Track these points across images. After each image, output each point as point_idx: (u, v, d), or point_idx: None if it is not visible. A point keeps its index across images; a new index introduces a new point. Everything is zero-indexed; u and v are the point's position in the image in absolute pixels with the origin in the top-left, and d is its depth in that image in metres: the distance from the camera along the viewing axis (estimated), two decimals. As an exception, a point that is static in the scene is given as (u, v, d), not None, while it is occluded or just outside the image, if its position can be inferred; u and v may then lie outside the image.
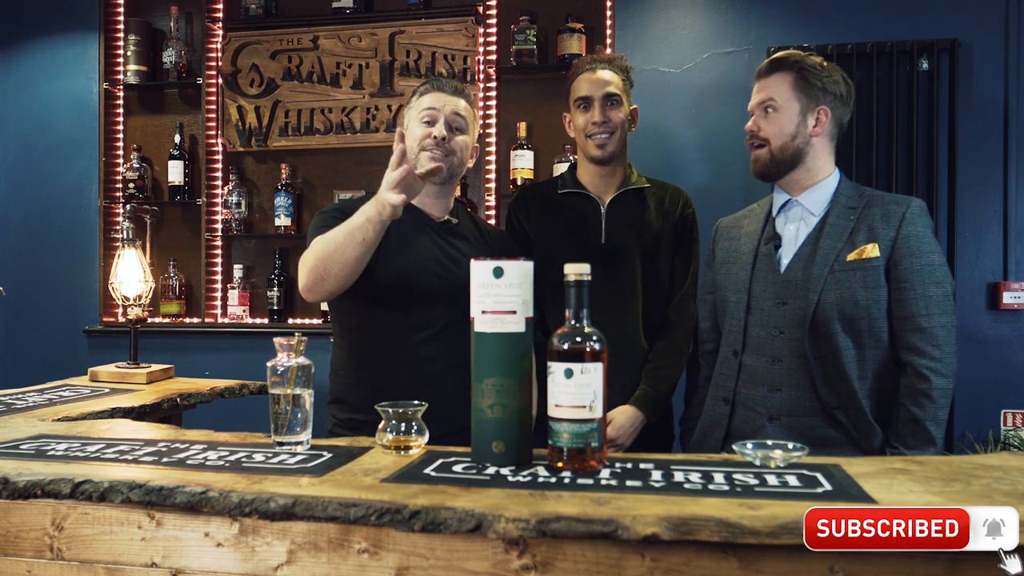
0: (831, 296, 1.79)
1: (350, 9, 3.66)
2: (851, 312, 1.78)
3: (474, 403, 1.33)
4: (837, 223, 1.85)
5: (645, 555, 1.08)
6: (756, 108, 1.93)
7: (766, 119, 1.90)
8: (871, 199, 1.87)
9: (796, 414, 1.82)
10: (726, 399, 1.93)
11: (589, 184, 2.22)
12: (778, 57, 1.92)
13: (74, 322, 3.87)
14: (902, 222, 1.80)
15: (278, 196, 3.67)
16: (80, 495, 1.23)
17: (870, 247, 1.79)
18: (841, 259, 1.81)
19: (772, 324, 1.86)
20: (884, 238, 1.80)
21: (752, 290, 1.91)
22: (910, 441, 1.74)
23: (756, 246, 1.95)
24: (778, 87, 1.89)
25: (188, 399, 2.24)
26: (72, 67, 3.90)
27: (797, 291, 1.84)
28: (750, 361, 1.89)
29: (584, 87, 2.16)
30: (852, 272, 1.79)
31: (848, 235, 1.83)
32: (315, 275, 1.76)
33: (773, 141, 1.89)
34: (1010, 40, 3.11)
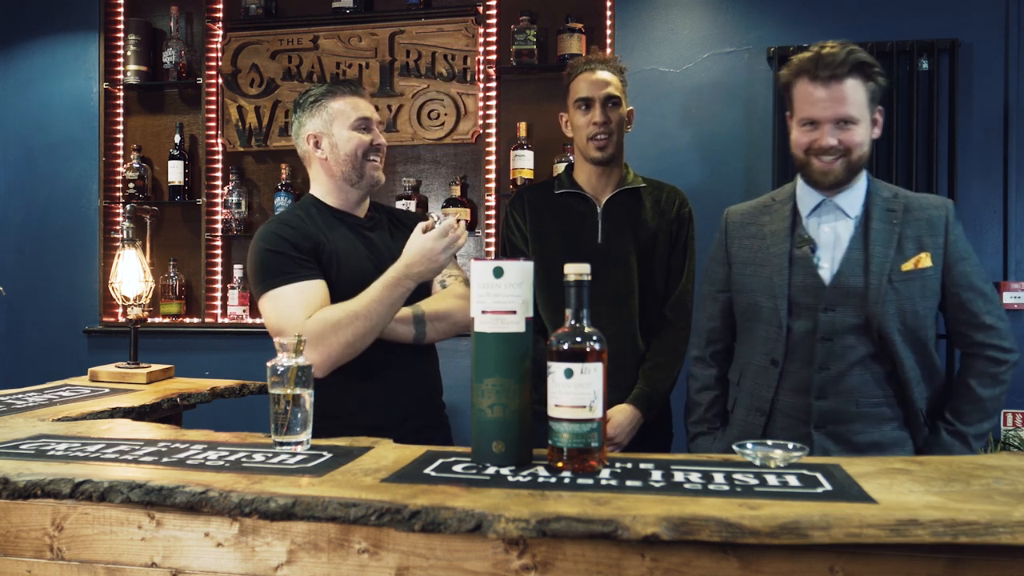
0: (892, 307, 1.75)
1: (350, 9, 3.66)
2: (912, 322, 1.77)
3: (474, 403, 1.33)
4: (882, 228, 1.78)
5: (645, 555, 1.08)
6: (830, 121, 1.73)
7: (845, 132, 1.73)
8: (907, 202, 1.82)
9: (844, 420, 1.78)
10: (761, 409, 1.84)
11: (586, 184, 2.22)
12: (855, 60, 1.72)
13: (74, 322, 3.87)
14: (947, 227, 1.79)
15: (278, 196, 3.67)
16: (80, 495, 1.23)
17: (924, 257, 1.77)
18: (896, 269, 1.76)
19: (819, 331, 1.78)
20: (935, 247, 1.78)
21: (792, 297, 1.81)
22: (968, 418, 1.78)
23: (788, 249, 1.83)
24: (857, 98, 1.73)
25: (188, 399, 2.23)
26: (72, 67, 3.90)
27: (850, 299, 1.77)
28: (794, 369, 1.81)
29: (584, 88, 2.16)
30: (911, 283, 1.76)
31: (896, 242, 1.77)
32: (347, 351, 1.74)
33: (853, 152, 1.75)
34: (1010, 40, 3.11)
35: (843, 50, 1.72)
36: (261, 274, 1.83)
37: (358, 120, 1.93)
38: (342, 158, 1.92)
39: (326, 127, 1.93)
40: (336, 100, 1.94)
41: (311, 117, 1.95)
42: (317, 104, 1.94)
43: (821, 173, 1.77)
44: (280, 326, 1.77)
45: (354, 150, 1.92)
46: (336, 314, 1.74)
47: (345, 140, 1.92)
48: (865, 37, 3.17)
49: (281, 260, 1.82)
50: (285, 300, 1.78)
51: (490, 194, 3.56)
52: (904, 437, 1.80)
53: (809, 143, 1.76)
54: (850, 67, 1.71)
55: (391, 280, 1.76)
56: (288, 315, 1.76)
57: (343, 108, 1.93)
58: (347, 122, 1.92)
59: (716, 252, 1.99)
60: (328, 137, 1.93)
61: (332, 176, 1.95)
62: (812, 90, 1.73)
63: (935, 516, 1.01)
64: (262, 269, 1.83)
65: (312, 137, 1.94)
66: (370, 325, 1.75)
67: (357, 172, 1.93)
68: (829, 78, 1.71)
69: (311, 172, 2.01)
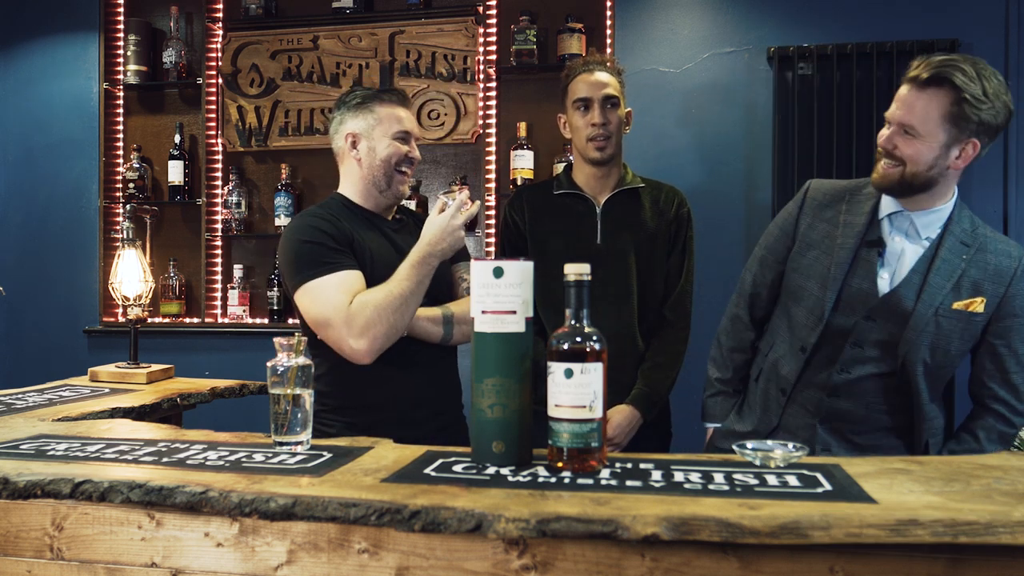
0: (928, 338, 1.73)
1: (350, 9, 3.66)
2: (940, 359, 1.75)
3: (474, 403, 1.33)
4: (949, 259, 1.74)
5: (645, 555, 1.08)
6: (896, 123, 1.70)
7: (904, 140, 1.68)
8: (984, 242, 1.76)
9: (851, 421, 1.81)
10: (784, 390, 1.86)
11: (585, 185, 2.22)
12: (939, 74, 1.63)
13: (74, 322, 3.87)
14: (1012, 280, 1.74)
15: (278, 196, 3.67)
16: (80, 495, 1.23)
17: (978, 302, 1.73)
18: (947, 304, 1.73)
19: (851, 335, 1.78)
20: (992, 294, 1.74)
21: (843, 294, 1.79)
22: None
23: (856, 245, 1.79)
24: (927, 112, 1.64)
25: (188, 399, 2.24)
26: (72, 67, 3.90)
27: (892, 317, 1.75)
28: (817, 363, 1.82)
29: (583, 89, 2.16)
30: (955, 321, 1.73)
31: (957, 278, 1.73)
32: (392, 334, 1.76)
33: (908, 166, 1.69)
34: (1010, 40, 3.11)
35: (943, 60, 1.65)
36: (298, 265, 1.82)
37: (400, 131, 1.94)
38: (376, 163, 1.93)
39: (367, 130, 1.94)
40: (383, 106, 1.95)
41: (354, 117, 1.96)
42: (363, 106, 1.95)
43: (878, 174, 1.74)
44: (324, 316, 1.76)
45: (389, 157, 1.93)
46: (378, 296, 1.75)
47: (384, 147, 1.93)
48: (865, 37, 3.17)
49: (319, 250, 1.82)
50: (326, 290, 1.77)
51: (490, 194, 3.56)
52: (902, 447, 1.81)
53: (880, 139, 1.74)
54: (934, 76, 1.63)
55: (418, 259, 1.79)
56: (331, 304, 1.74)
57: (388, 115, 1.94)
58: (389, 130, 1.94)
59: (785, 223, 1.93)
60: (367, 140, 1.94)
61: (363, 178, 1.96)
62: (901, 91, 1.70)
63: (935, 516, 1.01)
64: (299, 260, 1.82)
65: (351, 136, 1.95)
66: (408, 305, 1.77)
67: (386, 180, 1.95)
68: (911, 81, 1.67)
69: (342, 169, 2.02)
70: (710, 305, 2.68)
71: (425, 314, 1.86)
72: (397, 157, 1.94)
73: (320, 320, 1.77)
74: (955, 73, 1.62)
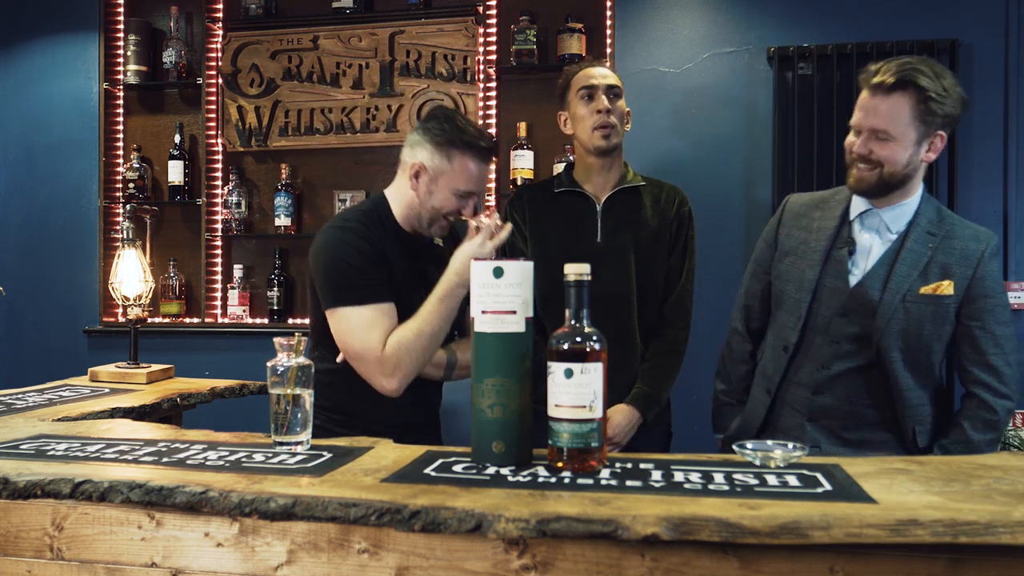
0: (898, 325, 1.78)
1: (350, 9, 3.66)
2: (915, 344, 1.79)
3: (474, 403, 1.33)
4: (914, 249, 1.80)
5: (645, 555, 1.08)
6: (865, 130, 1.76)
7: (879, 144, 1.74)
8: (951, 229, 1.82)
9: (836, 417, 1.85)
10: (769, 391, 1.93)
11: (586, 182, 2.22)
12: (903, 78, 1.70)
13: (74, 322, 3.87)
14: (980, 261, 1.79)
15: (278, 196, 3.67)
16: (80, 495, 1.23)
17: (945, 284, 1.78)
18: (914, 290, 1.78)
19: (829, 332, 1.85)
20: (960, 277, 1.78)
21: (817, 293, 1.86)
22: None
23: (828, 247, 1.87)
24: (896, 114, 1.72)
25: (188, 399, 2.24)
26: (72, 67, 3.90)
27: (862, 309, 1.81)
28: (800, 362, 1.89)
29: (586, 79, 2.17)
30: (923, 305, 1.78)
31: (924, 265, 1.79)
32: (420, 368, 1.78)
33: (886, 167, 1.75)
34: (1010, 40, 3.11)
35: (904, 64, 1.71)
36: (334, 286, 1.81)
37: (464, 191, 1.86)
38: (427, 206, 1.88)
39: (435, 171, 1.85)
40: (462, 157, 1.84)
41: (431, 152, 1.85)
42: (444, 148, 1.84)
43: (854, 179, 1.80)
44: (356, 351, 1.78)
45: (441, 208, 1.87)
46: (409, 337, 1.76)
47: (441, 198, 1.86)
48: (865, 37, 3.17)
49: (356, 276, 1.80)
50: (362, 325, 1.77)
51: (490, 194, 3.56)
52: (892, 441, 1.84)
53: (849, 146, 1.80)
54: (897, 82, 1.70)
55: (445, 292, 1.77)
56: (366, 343, 1.76)
57: (461, 170, 1.85)
58: (454, 185, 1.85)
59: (767, 234, 2.04)
60: (430, 180, 1.86)
61: (410, 205, 1.90)
62: (863, 97, 1.76)
63: (935, 516, 1.01)
64: (336, 281, 1.81)
65: (417, 167, 1.87)
66: (436, 341, 1.79)
67: (428, 223, 1.90)
68: (875, 88, 1.73)
69: (398, 180, 1.94)
70: (710, 305, 2.68)
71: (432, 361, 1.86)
72: (448, 211, 1.88)
73: (353, 354, 1.80)
74: (918, 75, 1.69)
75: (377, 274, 1.82)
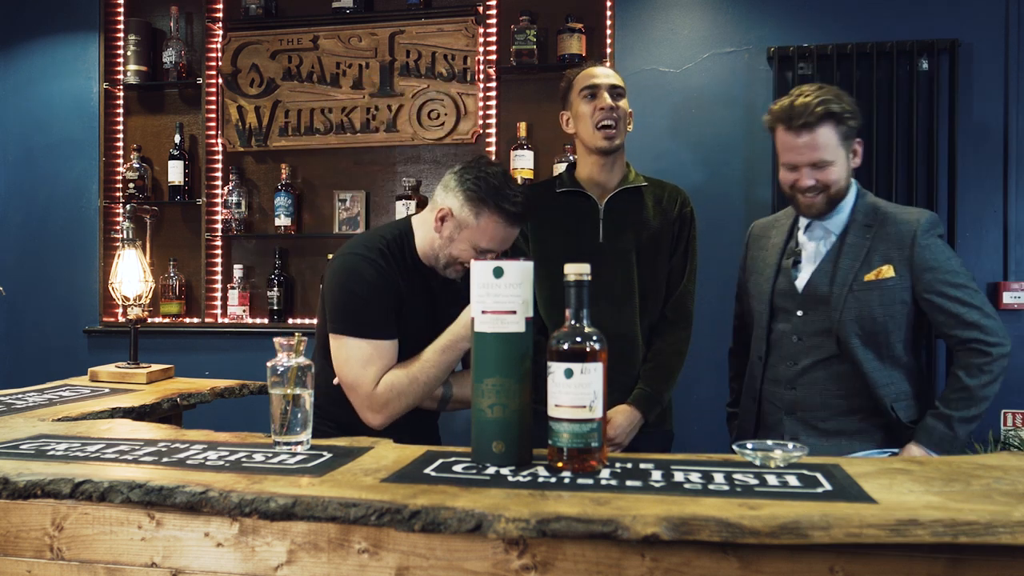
0: (851, 313, 1.92)
1: (350, 9, 3.66)
2: (871, 327, 1.92)
3: (474, 403, 1.33)
4: (854, 242, 1.95)
5: (645, 555, 1.08)
6: (805, 165, 1.91)
7: (821, 172, 1.91)
8: (884, 217, 1.96)
9: (811, 408, 1.97)
10: (754, 397, 2.08)
11: (588, 182, 2.22)
12: (823, 112, 1.87)
13: (74, 322, 3.87)
14: (914, 239, 1.90)
15: (278, 196, 3.67)
16: (80, 495, 1.23)
17: (886, 268, 1.91)
18: (859, 279, 1.92)
19: (791, 331, 2.01)
20: (899, 259, 1.91)
21: (774, 301, 2.04)
22: (954, 404, 1.88)
23: (779, 259, 2.06)
24: (827, 143, 1.89)
25: (188, 399, 2.24)
26: (72, 67, 3.90)
27: (816, 305, 1.96)
28: (773, 362, 2.04)
29: (589, 79, 2.17)
30: (870, 292, 1.92)
31: (865, 255, 1.93)
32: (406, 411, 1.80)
33: (832, 188, 1.93)
34: (1010, 40, 3.11)
35: (815, 99, 1.88)
36: (344, 313, 1.82)
37: (486, 249, 1.84)
38: (445, 251, 1.86)
39: (460, 222, 1.83)
40: (491, 216, 1.80)
41: (463, 201, 1.82)
42: (474, 202, 1.81)
43: (806, 207, 1.96)
44: (349, 382, 1.81)
45: (458, 257, 1.86)
46: (401, 381, 1.78)
47: (460, 249, 1.85)
48: (865, 37, 3.17)
49: (367, 310, 1.81)
50: (361, 357, 1.79)
51: (490, 194, 3.55)
52: (869, 427, 1.95)
53: (791, 183, 1.95)
54: (820, 117, 1.87)
55: (449, 344, 1.79)
56: (361, 377, 1.78)
57: (487, 229, 1.82)
58: (476, 241, 1.83)
59: (740, 260, 2.23)
60: (454, 228, 1.84)
61: (431, 244, 1.88)
62: (788, 138, 1.91)
63: (935, 516, 1.01)
64: (345, 309, 1.82)
65: (444, 211, 1.84)
66: (428, 389, 1.82)
67: (443, 265, 1.89)
68: (801, 127, 1.88)
69: (426, 214, 1.91)
70: (709, 305, 2.68)
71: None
72: (466, 261, 1.85)
73: (346, 383, 1.82)
74: (831, 104, 1.88)
75: (385, 310, 1.83)
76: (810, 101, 1.88)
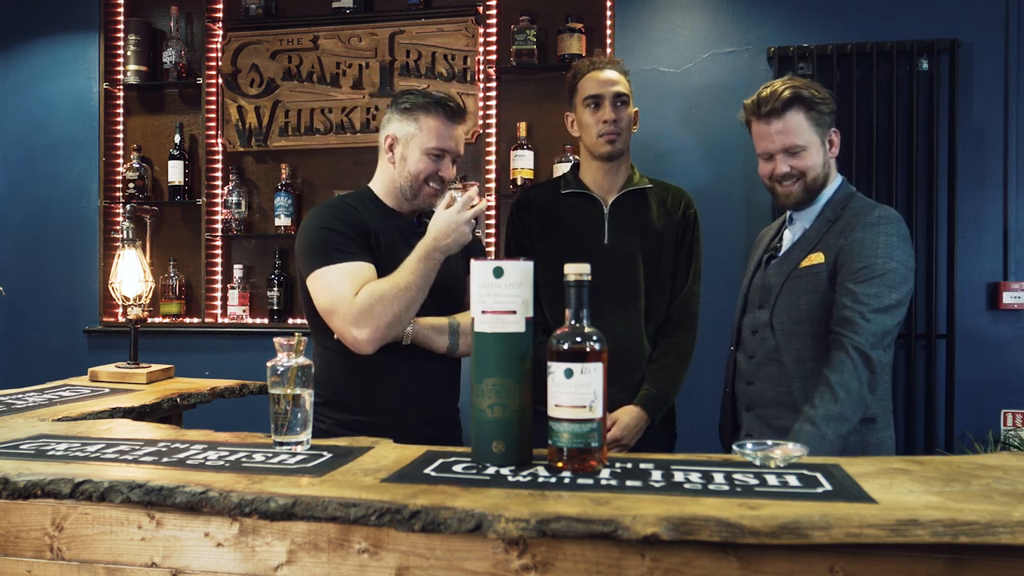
0: (783, 301, 1.91)
1: (350, 9, 3.66)
2: (796, 316, 1.88)
3: (474, 403, 1.33)
4: (809, 235, 1.94)
5: (645, 555, 1.08)
6: (779, 152, 1.91)
7: (796, 159, 1.90)
8: (848, 210, 1.91)
9: (764, 405, 1.93)
10: (728, 392, 2.06)
11: (592, 184, 2.22)
12: (790, 96, 1.88)
13: (74, 322, 3.87)
14: (853, 231, 1.83)
15: (278, 196, 3.67)
16: (80, 495, 1.23)
17: (816, 255, 1.88)
18: (797, 267, 1.91)
19: (750, 325, 1.99)
20: (832, 246, 1.86)
21: (748, 295, 2.04)
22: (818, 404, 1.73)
23: (761, 255, 2.06)
24: (800, 128, 1.89)
25: (188, 399, 2.24)
26: (72, 67, 3.90)
27: (766, 298, 1.96)
28: (739, 358, 2.02)
29: (593, 86, 2.16)
30: (800, 280, 1.89)
31: (812, 245, 1.91)
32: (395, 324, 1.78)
33: (808, 174, 1.91)
34: (1010, 40, 3.11)
35: (782, 86, 1.89)
36: (312, 251, 1.85)
37: (435, 148, 1.93)
38: (405, 173, 1.94)
39: (406, 138, 1.94)
40: (428, 118, 1.92)
41: (400, 120, 1.95)
42: (409, 112, 1.94)
43: (784, 196, 1.95)
44: (330, 303, 1.80)
45: (418, 173, 1.93)
46: (383, 287, 1.78)
47: (414, 161, 1.93)
48: (865, 37, 3.17)
49: (335, 238, 1.84)
50: (336, 278, 1.80)
51: (490, 194, 3.56)
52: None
53: (769, 173, 1.95)
54: (786, 102, 1.87)
55: (423, 254, 1.81)
56: (339, 292, 1.79)
57: (429, 129, 1.92)
58: (425, 145, 1.92)
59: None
60: (403, 147, 1.94)
61: (392, 181, 1.97)
62: (760, 127, 1.93)
63: (935, 516, 1.01)
64: (314, 246, 1.85)
65: (390, 138, 1.96)
66: (412, 297, 1.80)
67: (412, 192, 1.96)
68: (770, 113, 1.89)
69: (379, 166, 2.02)
70: (711, 305, 2.67)
71: (430, 324, 1.88)
72: (425, 174, 1.94)
73: (327, 308, 1.81)
74: (798, 90, 1.88)
75: (356, 238, 1.85)
76: (777, 88, 1.89)
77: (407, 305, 1.79)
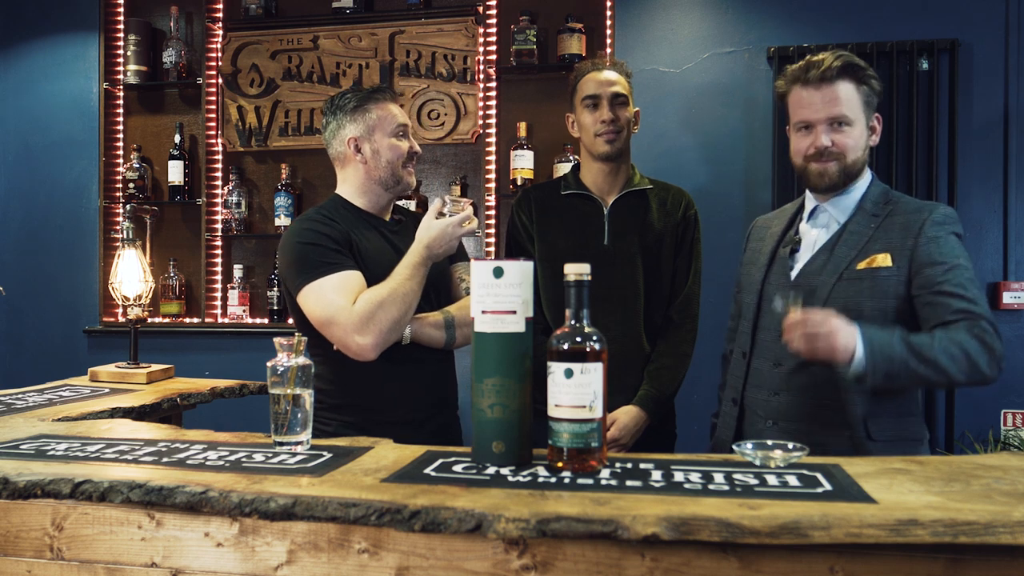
0: (836, 304, 1.69)
1: (350, 9, 3.66)
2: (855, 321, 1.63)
3: (474, 403, 1.33)
4: (856, 231, 1.77)
5: (645, 555, 1.08)
6: (823, 122, 1.74)
7: (840, 134, 1.74)
8: (895, 207, 1.77)
9: (794, 419, 1.76)
10: (735, 400, 1.88)
11: (592, 185, 2.22)
12: (846, 63, 1.74)
13: (74, 322, 3.87)
14: (921, 230, 1.70)
15: (278, 196, 3.67)
16: (80, 495, 1.23)
17: (881, 256, 1.71)
18: (852, 267, 1.73)
19: (777, 328, 1.72)
20: (901, 248, 1.70)
21: (764, 292, 1.85)
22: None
23: (775, 248, 1.88)
24: (849, 99, 1.74)
25: (188, 399, 2.23)
26: (72, 67, 3.90)
27: (808, 298, 1.72)
28: (757, 364, 1.84)
29: (592, 86, 2.17)
30: (860, 281, 1.71)
31: (864, 243, 1.74)
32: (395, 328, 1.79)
33: (848, 155, 1.75)
34: (1010, 40, 3.11)
35: (833, 55, 1.75)
36: (298, 267, 1.85)
37: (398, 127, 1.98)
38: (383, 164, 1.97)
39: (367, 132, 1.97)
40: (378, 106, 1.98)
41: (352, 121, 1.98)
42: (359, 109, 1.98)
43: (817, 175, 1.77)
44: (328, 315, 1.79)
45: (395, 158, 1.97)
46: (382, 293, 1.79)
47: (387, 147, 1.97)
48: (865, 37, 3.17)
49: (319, 252, 1.85)
50: (329, 290, 1.80)
51: (490, 194, 3.56)
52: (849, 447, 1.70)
53: (804, 148, 1.77)
54: (839, 70, 1.73)
55: (419, 260, 1.84)
56: (335, 304, 1.79)
57: (384, 115, 1.98)
58: (388, 129, 1.97)
59: (741, 259, 2.04)
60: (370, 143, 1.97)
61: (369, 179, 1.99)
62: (805, 94, 1.76)
63: (935, 516, 1.01)
64: (300, 262, 1.86)
65: (353, 141, 1.97)
66: (410, 302, 1.81)
67: (394, 178, 1.99)
68: (820, 80, 1.74)
69: (343, 173, 2.04)
70: (710, 305, 2.67)
71: (427, 320, 1.88)
72: (402, 155, 1.98)
73: (324, 320, 1.80)
74: (854, 61, 1.74)
75: (340, 249, 1.86)
76: (827, 56, 1.75)
77: (406, 309, 1.81)
